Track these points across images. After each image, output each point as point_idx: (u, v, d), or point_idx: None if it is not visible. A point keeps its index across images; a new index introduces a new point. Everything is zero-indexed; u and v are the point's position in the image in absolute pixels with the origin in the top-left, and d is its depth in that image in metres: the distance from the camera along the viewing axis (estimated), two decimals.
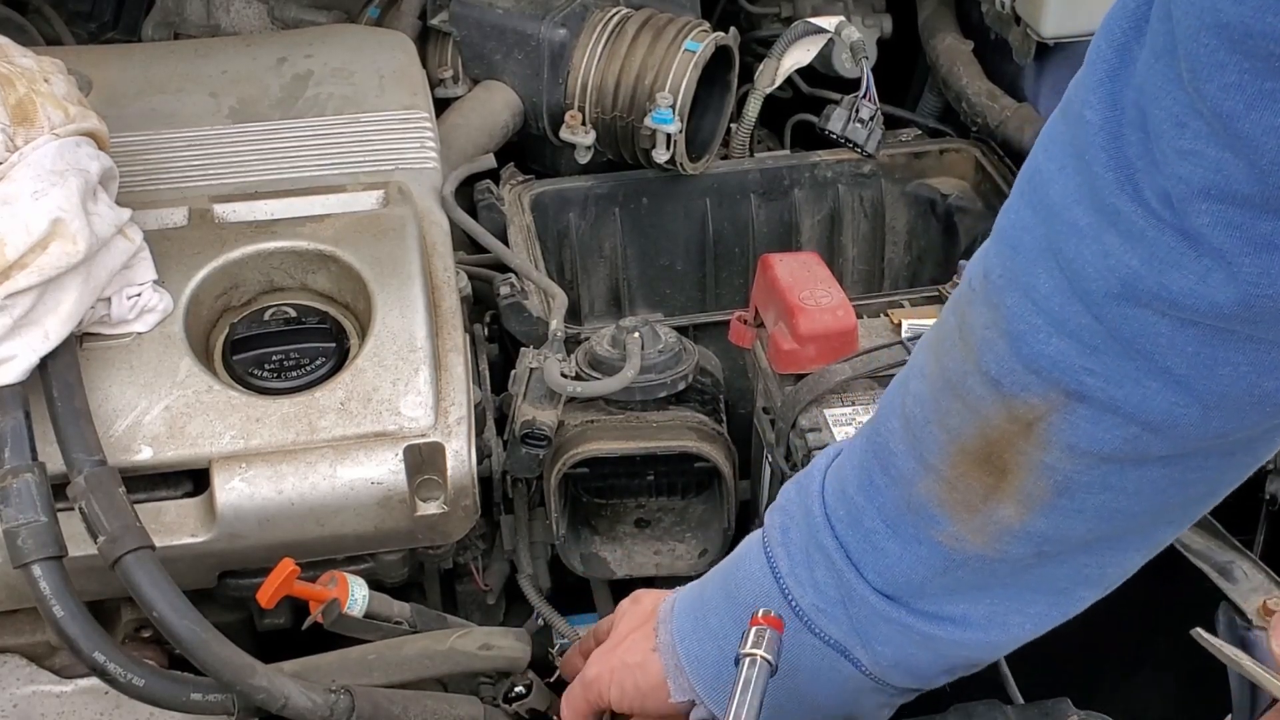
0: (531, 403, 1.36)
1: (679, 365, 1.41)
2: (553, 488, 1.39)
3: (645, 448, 1.38)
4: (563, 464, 1.37)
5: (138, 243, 1.28)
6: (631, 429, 1.39)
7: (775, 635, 1.09)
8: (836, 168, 1.83)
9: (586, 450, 1.37)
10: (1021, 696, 1.08)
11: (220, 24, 1.95)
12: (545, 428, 1.34)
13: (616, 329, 1.41)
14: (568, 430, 1.39)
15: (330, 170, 1.50)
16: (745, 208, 1.83)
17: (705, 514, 1.48)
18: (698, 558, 1.47)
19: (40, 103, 1.21)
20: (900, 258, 1.88)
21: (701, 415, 1.42)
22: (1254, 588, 1.08)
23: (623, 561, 1.47)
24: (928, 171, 1.84)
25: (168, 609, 1.10)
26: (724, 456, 1.39)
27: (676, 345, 1.42)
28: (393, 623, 1.28)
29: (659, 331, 1.42)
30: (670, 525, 1.50)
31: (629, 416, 1.40)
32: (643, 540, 1.49)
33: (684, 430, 1.39)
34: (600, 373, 1.38)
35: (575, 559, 1.46)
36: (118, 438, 1.24)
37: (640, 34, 1.73)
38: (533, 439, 1.34)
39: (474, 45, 1.79)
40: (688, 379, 1.41)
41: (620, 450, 1.38)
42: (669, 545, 1.49)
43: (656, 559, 1.48)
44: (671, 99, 1.68)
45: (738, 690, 1.09)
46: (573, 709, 1.15)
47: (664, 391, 1.40)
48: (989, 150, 1.83)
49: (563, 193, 1.78)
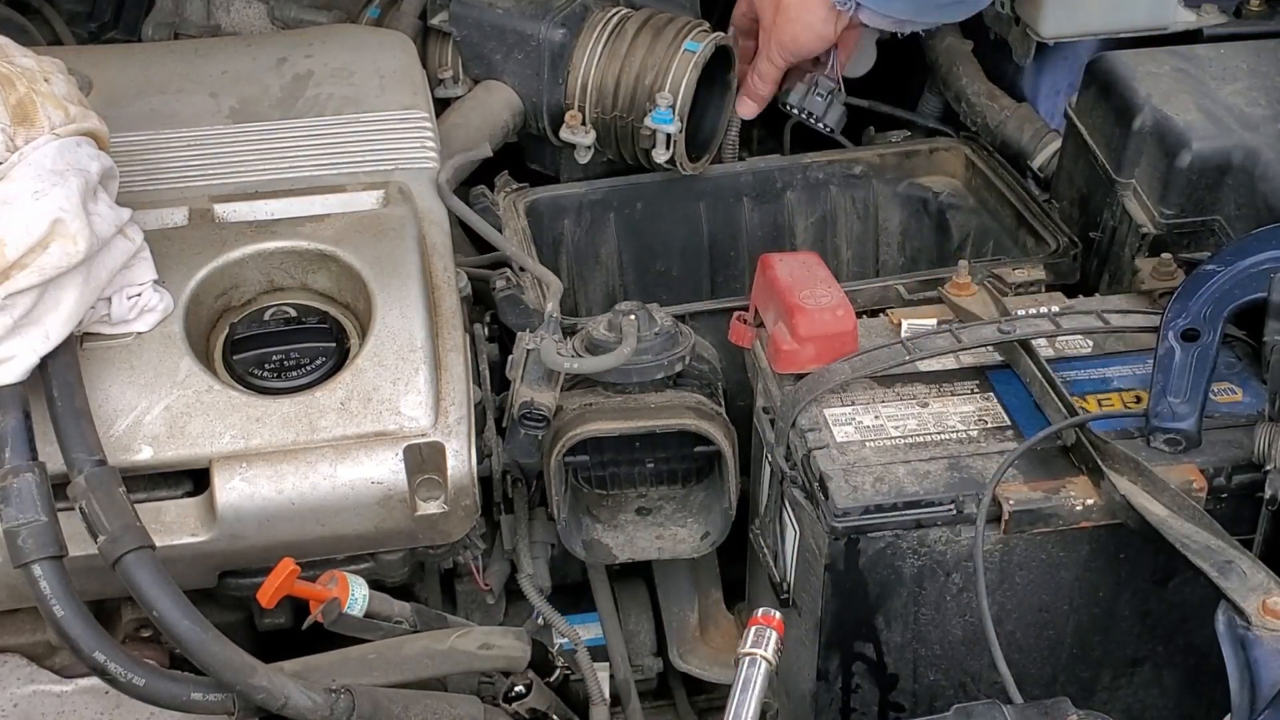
0: (529, 384, 1.36)
1: (675, 347, 1.41)
2: (553, 470, 1.39)
3: (644, 426, 1.38)
4: (562, 445, 1.37)
5: (138, 243, 1.28)
6: (630, 410, 1.40)
7: (775, 635, 1.10)
8: (828, 169, 1.83)
9: (585, 431, 1.37)
10: (1021, 696, 1.08)
11: (220, 24, 1.95)
12: (543, 408, 1.34)
13: (613, 314, 1.42)
14: (566, 413, 1.39)
15: (330, 170, 1.50)
16: (739, 211, 1.84)
17: (706, 500, 1.48)
18: (700, 540, 1.47)
19: (40, 103, 1.21)
20: (894, 258, 1.88)
21: (699, 395, 1.43)
22: (1254, 588, 1.08)
23: (624, 546, 1.48)
24: (918, 171, 1.84)
25: (168, 608, 1.10)
26: (723, 435, 1.40)
27: (672, 328, 1.43)
28: (393, 622, 1.28)
29: (654, 315, 1.42)
30: (672, 512, 1.50)
31: (627, 399, 1.41)
32: (644, 526, 1.49)
33: (682, 409, 1.39)
34: (597, 355, 1.38)
35: (577, 544, 1.46)
36: (118, 437, 1.24)
37: (640, 34, 1.73)
38: (531, 419, 1.34)
39: (474, 45, 1.79)
40: (684, 360, 1.41)
41: (619, 430, 1.38)
42: (670, 530, 1.49)
43: (659, 543, 1.48)
44: (671, 99, 1.68)
45: (738, 690, 1.09)
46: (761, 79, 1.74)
47: (661, 373, 1.40)
48: (978, 147, 1.83)
49: (557, 200, 1.78)
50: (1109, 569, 1.27)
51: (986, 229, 1.76)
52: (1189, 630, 1.33)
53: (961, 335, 1.35)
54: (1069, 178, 1.70)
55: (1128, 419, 1.29)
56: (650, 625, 1.66)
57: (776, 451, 1.32)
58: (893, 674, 1.32)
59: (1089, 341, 1.39)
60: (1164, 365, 1.28)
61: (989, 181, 1.77)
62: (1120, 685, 1.36)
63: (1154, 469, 1.20)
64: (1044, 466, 1.25)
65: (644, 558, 1.49)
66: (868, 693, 1.33)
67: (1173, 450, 1.26)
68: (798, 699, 1.40)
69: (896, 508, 1.23)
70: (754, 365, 1.42)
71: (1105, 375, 1.35)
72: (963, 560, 1.25)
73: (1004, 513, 1.21)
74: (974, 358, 1.37)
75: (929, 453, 1.27)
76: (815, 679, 1.33)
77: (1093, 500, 1.22)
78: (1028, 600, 1.28)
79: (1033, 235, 1.67)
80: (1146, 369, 1.33)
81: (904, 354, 1.34)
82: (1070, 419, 1.26)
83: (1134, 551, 1.26)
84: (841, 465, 1.25)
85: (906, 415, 1.31)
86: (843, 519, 1.22)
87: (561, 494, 1.42)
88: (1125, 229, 1.58)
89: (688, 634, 1.59)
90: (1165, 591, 1.30)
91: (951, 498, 1.23)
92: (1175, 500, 1.17)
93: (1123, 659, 1.34)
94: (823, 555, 1.25)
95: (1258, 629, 1.04)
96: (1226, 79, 1.60)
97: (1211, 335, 1.29)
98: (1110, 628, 1.32)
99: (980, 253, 1.76)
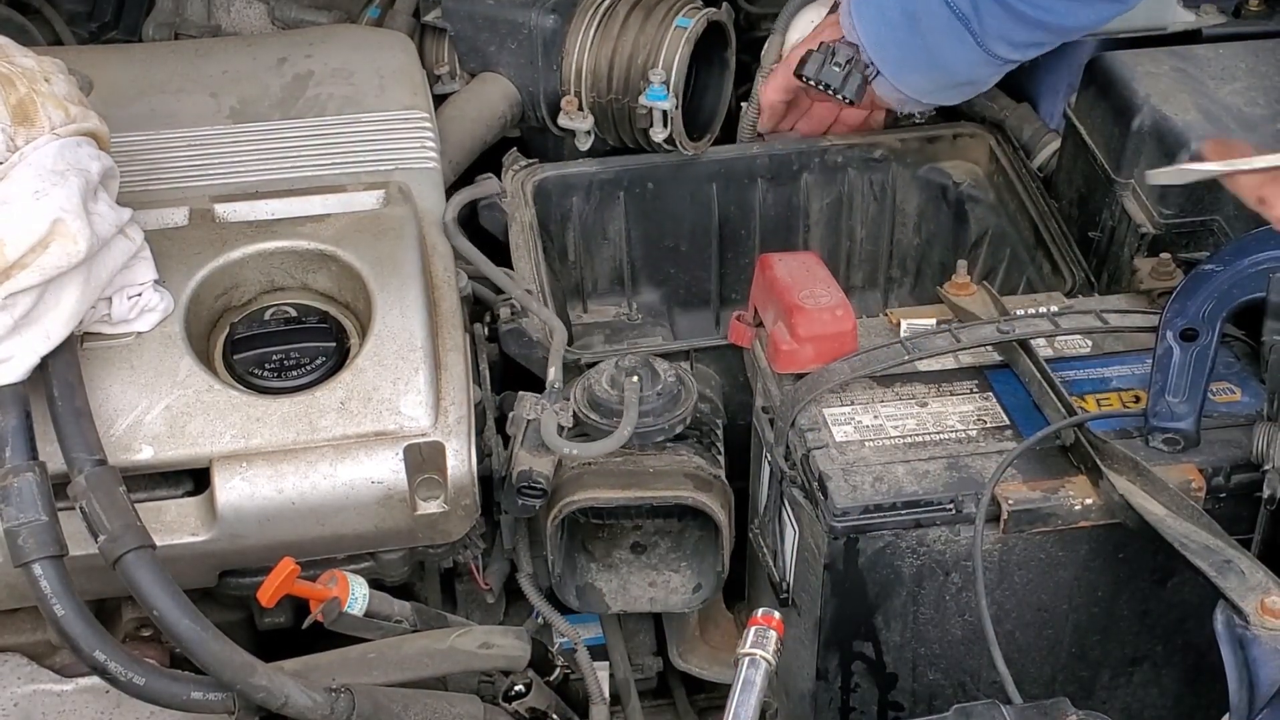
0: (529, 450, 1.36)
1: (676, 408, 1.40)
2: (549, 533, 1.39)
3: (641, 497, 1.38)
4: (558, 511, 1.37)
5: (138, 242, 1.28)
6: (628, 474, 1.39)
7: (775, 635, 1.10)
8: (847, 152, 1.81)
9: (583, 498, 1.37)
10: (1020, 696, 1.08)
11: (221, 24, 1.95)
12: (541, 479, 1.34)
13: (615, 368, 1.40)
14: (564, 473, 1.39)
15: (330, 170, 1.50)
16: (752, 192, 1.82)
17: (701, 542, 1.47)
18: (692, 593, 1.47)
19: (41, 103, 1.21)
20: (909, 238, 1.86)
21: (699, 459, 1.41)
22: (1252, 587, 1.08)
23: (618, 595, 1.47)
24: (940, 156, 1.82)
25: (168, 608, 1.10)
26: (720, 504, 1.39)
27: (675, 387, 1.40)
28: (393, 621, 1.28)
29: (658, 369, 1.40)
30: (665, 552, 1.50)
31: (626, 460, 1.40)
32: (638, 569, 1.49)
33: (680, 478, 1.38)
34: (598, 414, 1.37)
35: (570, 594, 1.45)
36: (118, 437, 1.24)
37: (631, 15, 1.73)
38: (529, 491, 1.34)
39: (468, 39, 1.79)
40: (685, 422, 1.41)
41: (616, 500, 1.38)
42: (664, 576, 1.48)
43: (651, 591, 1.48)
44: (664, 75, 1.67)
45: (737, 689, 1.10)
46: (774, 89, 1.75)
47: (661, 436, 1.39)
48: (1003, 139, 1.80)
49: (566, 178, 1.77)
50: (1108, 568, 1.27)
51: (1005, 234, 1.74)
52: (1188, 630, 1.33)
53: (960, 335, 1.35)
54: (1068, 177, 1.70)
55: (1126, 419, 1.29)
56: (650, 624, 1.66)
57: (776, 451, 1.32)
58: (892, 673, 1.32)
59: (1088, 341, 1.39)
60: (1163, 365, 1.28)
61: (1009, 182, 1.75)
62: (1119, 685, 1.36)
63: (1153, 469, 1.20)
64: (1043, 466, 1.25)
65: (636, 609, 1.48)
66: (867, 692, 1.34)
67: (1171, 450, 1.26)
68: (797, 698, 1.40)
69: (896, 507, 1.23)
70: (753, 365, 1.42)
71: (1104, 375, 1.35)
72: (962, 560, 1.25)
73: (1003, 512, 1.21)
74: (973, 357, 1.37)
75: (928, 452, 1.27)
76: (814, 678, 1.33)
77: (1091, 500, 1.22)
78: (1027, 600, 1.28)
79: (1049, 260, 1.64)
80: (1145, 369, 1.33)
81: (903, 354, 1.34)
82: (1069, 419, 1.26)
83: (1133, 551, 1.26)
84: (841, 465, 1.25)
85: (906, 415, 1.31)
86: (842, 519, 1.22)
87: (557, 547, 1.42)
88: (1124, 229, 1.58)
89: (687, 633, 1.59)
90: (1164, 591, 1.30)
91: (950, 497, 1.23)
92: (1174, 500, 1.18)
93: (1121, 658, 1.35)
94: (822, 555, 1.25)
95: (1256, 628, 1.05)
96: (1225, 79, 1.60)
97: (1210, 335, 1.29)
98: (1109, 627, 1.32)
99: (997, 257, 1.74)
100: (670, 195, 1.81)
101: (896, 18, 1.59)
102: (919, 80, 1.67)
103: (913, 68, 1.64)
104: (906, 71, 1.65)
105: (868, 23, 1.62)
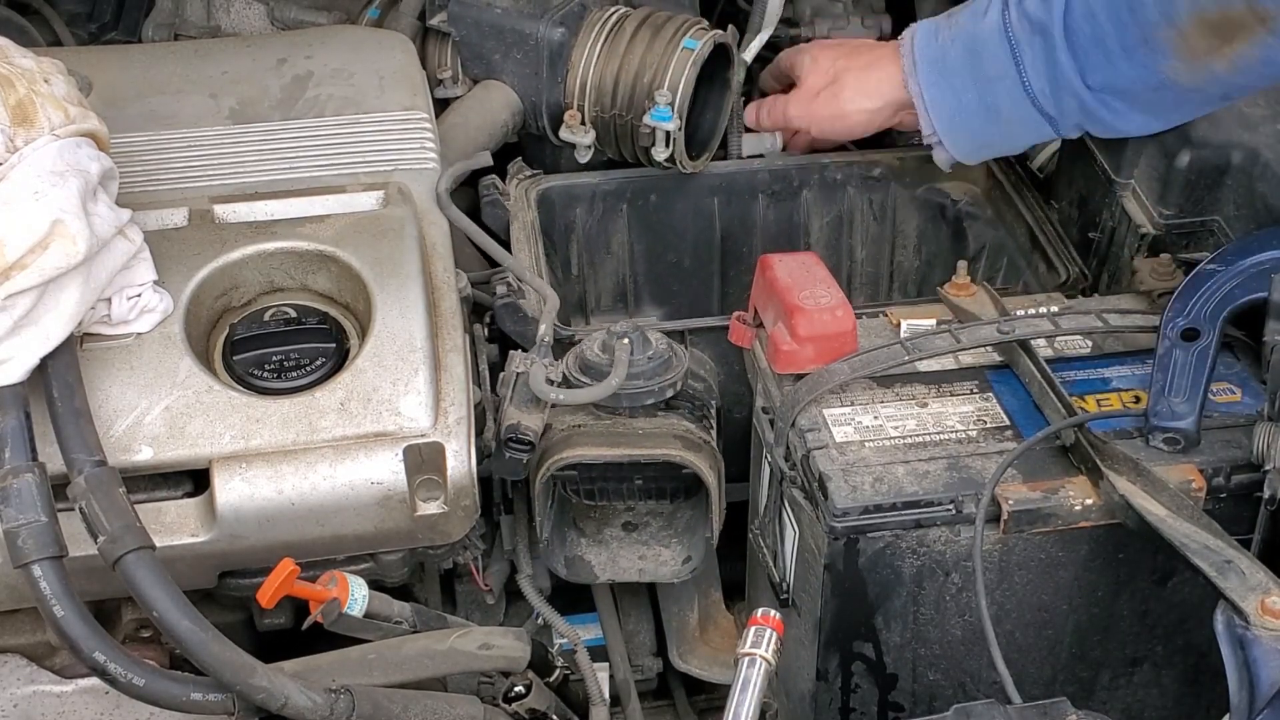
0: (518, 406, 1.36)
1: (667, 373, 1.40)
2: (537, 491, 1.39)
3: (629, 455, 1.38)
4: (547, 469, 1.37)
5: (138, 243, 1.28)
6: (617, 435, 1.39)
7: (775, 635, 1.10)
8: (846, 170, 1.82)
9: (570, 455, 1.37)
10: (1020, 696, 1.08)
11: (220, 25, 1.95)
12: (529, 433, 1.34)
13: (607, 334, 1.40)
14: (554, 434, 1.39)
15: (330, 170, 1.50)
16: (754, 207, 1.83)
17: (692, 520, 1.48)
18: (681, 564, 1.47)
19: (40, 103, 1.21)
20: (910, 260, 1.87)
21: (688, 423, 1.41)
22: (1252, 587, 1.08)
23: (607, 565, 1.47)
24: (938, 175, 1.84)
25: (168, 609, 1.10)
26: (708, 465, 1.39)
27: (666, 352, 1.41)
28: (393, 622, 1.28)
29: (650, 337, 1.41)
30: (657, 530, 1.50)
31: (615, 422, 1.40)
32: (629, 544, 1.49)
33: (669, 438, 1.39)
34: (589, 378, 1.38)
35: (559, 562, 1.45)
36: (118, 438, 1.24)
37: (639, 32, 1.73)
38: (516, 443, 1.34)
39: (472, 45, 1.79)
40: (676, 387, 1.41)
41: (604, 456, 1.38)
42: (654, 550, 1.48)
43: (641, 563, 1.47)
44: (670, 96, 1.68)
45: (737, 690, 1.10)
46: (772, 119, 1.79)
47: (651, 399, 1.39)
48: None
49: (570, 189, 1.78)
50: (1108, 569, 1.27)
51: (1002, 244, 1.75)
52: (1188, 630, 1.33)
53: (961, 335, 1.35)
54: (1068, 178, 1.70)
55: (1127, 419, 1.29)
56: (650, 625, 1.66)
57: (776, 452, 1.32)
58: (892, 674, 1.32)
59: (1088, 342, 1.39)
60: (1163, 365, 1.28)
61: (1006, 195, 1.76)
62: (1119, 685, 1.36)
63: (1153, 469, 1.20)
64: (1043, 466, 1.25)
65: (625, 579, 1.48)
66: (867, 692, 1.34)
67: (1172, 450, 1.26)
68: (797, 699, 1.40)
69: (896, 508, 1.23)
70: (753, 365, 1.42)
71: (1104, 375, 1.36)
72: (962, 560, 1.25)
73: (1003, 513, 1.21)
74: (973, 358, 1.37)
75: (928, 453, 1.27)
76: (814, 679, 1.33)
77: (1092, 500, 1.22)
78: (1027, 600, 1.28)
79: (1044, 260, 1.65)
80: (1145, 369, 1.33)
81: (903, 354, 1.34)
82: (1069, 419, 1.26)
83: (1133, 551, 1.26)
84: (841, 465, 1.25)
85: (906, 415, 1.31)
86: (842, 519, 1.22)
87: (546, 512, 1.42)
88: (1124, 229, 1.58)
89: (687, 634, 1.59)
90: (1164, 591, 1.30)
91: (951, 498, 1.23)
92: (1174, 500, 1.18)
93: (1122, 659, 1.35)
94: (822, 555, 1.25)
95: (1256, 628, 1.05)
96: None
97: (1211, 335, 1.29)
98: (1109, 627, 1.32)
99: (995, 267, 1.75)
100: (673, 208, 1.82)
101: (974, 105, 1.57)
102: (984, 156, 1.68)
103: (984, 151, 1.66)
104: (977, 152, 1.65)
105: (941, 109, 1.60)
